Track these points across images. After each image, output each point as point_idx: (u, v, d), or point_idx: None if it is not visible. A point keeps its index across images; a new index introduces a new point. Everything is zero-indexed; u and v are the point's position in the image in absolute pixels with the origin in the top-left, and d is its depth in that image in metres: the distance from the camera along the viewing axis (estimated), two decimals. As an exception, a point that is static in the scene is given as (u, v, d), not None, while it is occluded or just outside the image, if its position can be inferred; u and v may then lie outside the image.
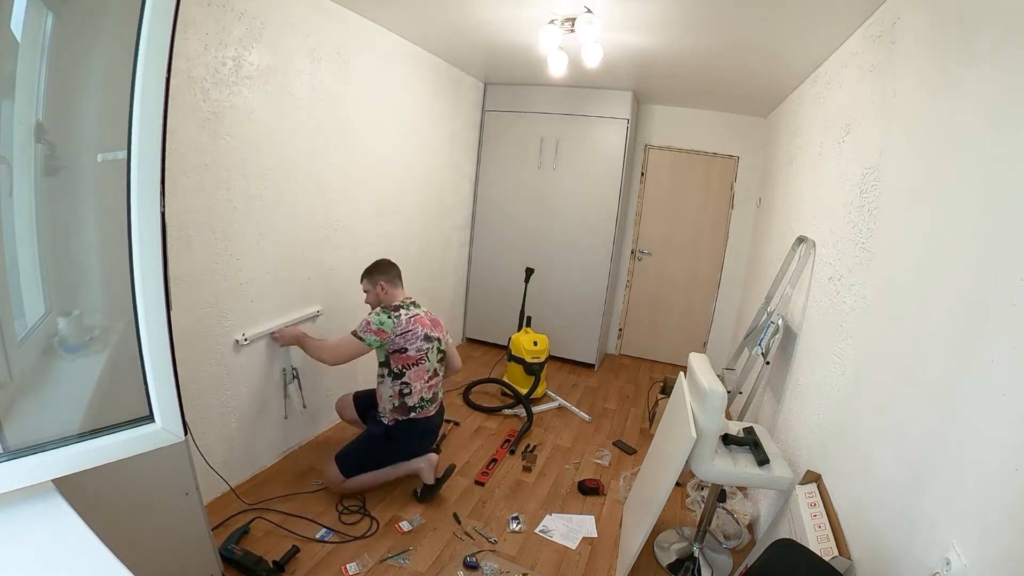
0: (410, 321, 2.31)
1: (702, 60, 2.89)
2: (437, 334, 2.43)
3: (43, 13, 0.87)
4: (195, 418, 2.04)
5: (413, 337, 2.31)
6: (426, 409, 2.40)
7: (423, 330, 2.34)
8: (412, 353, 2.31)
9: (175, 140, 1.81)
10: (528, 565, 2.08)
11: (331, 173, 2.67)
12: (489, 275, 4.59)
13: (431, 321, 2.42)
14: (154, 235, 0.90)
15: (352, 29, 2.65)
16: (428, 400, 2.41)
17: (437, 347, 2.43)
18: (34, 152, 0.89)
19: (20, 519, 0.82)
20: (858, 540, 1.49)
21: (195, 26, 1.82)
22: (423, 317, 2.38)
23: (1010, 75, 1.13)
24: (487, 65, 3.69)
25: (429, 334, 2.37)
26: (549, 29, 2.40)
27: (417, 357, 2.33)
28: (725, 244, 4.46)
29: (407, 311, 2.34)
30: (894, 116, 1.71)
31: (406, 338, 2.29)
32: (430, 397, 2.42)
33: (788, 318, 2.47)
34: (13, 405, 0.89)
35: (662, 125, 4.43)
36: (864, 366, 1.66)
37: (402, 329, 2.29)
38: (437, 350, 2.43)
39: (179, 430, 0.99)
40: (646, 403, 3.73)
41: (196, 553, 1.69)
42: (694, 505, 2.55)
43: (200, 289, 2.03)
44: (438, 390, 2.51)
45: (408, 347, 2.30)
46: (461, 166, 4.20)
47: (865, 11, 1.96)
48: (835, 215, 2.12)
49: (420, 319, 2.36)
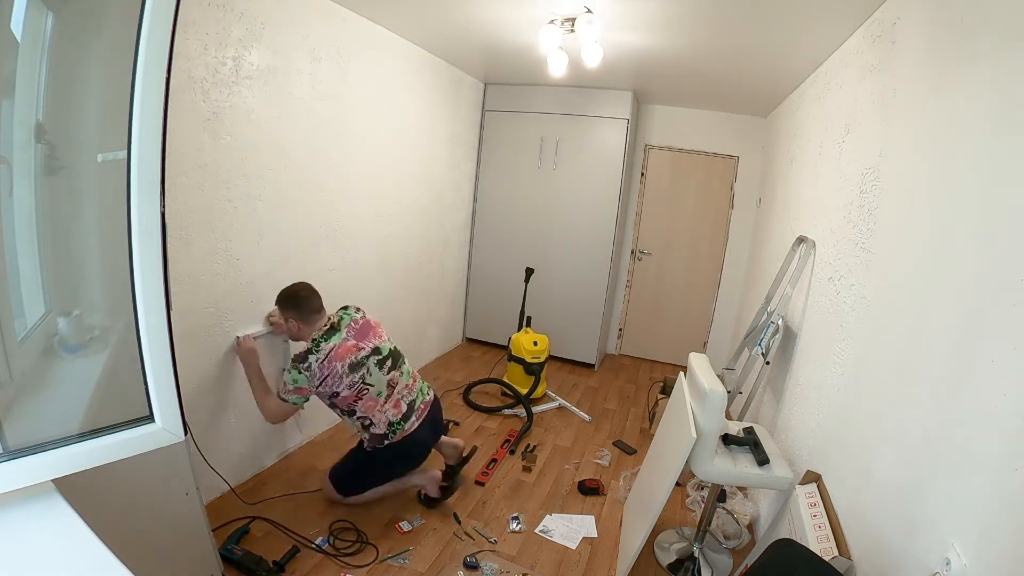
0: (323, 366, 2.03)
1: (702, 60, 2.89)
2: (367, 345, 2.15)
3: (43, 13, 0.87)
4: (195, 418, 2.04)
5: (335, 378, 2.05)
6: (401, 430, 2.19)
7: (343, 363, 2.06)
8: (346, 393, 2.08)
9: (175, 140, 1.81)
10: (528, 565, 2.08)
11: (331, 173, 2.67)
12: (489, 275, 4.59)
13: (356, 337, 2.14)
14: (154, 235, 0.90)
15: (352, 29, 2.65)
16: (400, 420, 2.19)
17: (375, 360, 2.15)
18: (34, 152, 0.89)
19: (20, 519, 0.82)
20: (858, 540, 1.49)
21: (195, 26, 1.82)
22: (340, 346, 2.07)
23: (1010, 75, 1.13)
24: (487, 65, 3.69)
25: (354, 360, 2.09)
26: (549, 29, 2.40)
27: (355, 393, 2.09)
28: (725, 244, 4.46)
29: (316, 355, 2.03)
30: (894, 116, 1.71)
31: (328, 384, 2.05)
32: (401, 416, 2.19)
33: (788, 318, 2.47)
34: (13, 405, 0.89)
35: (662, 125, 4.43)
36: (864, 366, 1.66)
37: (319, 379, 2.04)
38: (377, 363, 2.15)
39: (179, 430, 0.99)
40: (646, 403, 3.73)
41: (196, 553, 1.69)
42: (694, 505, 2.55)
43: (200, 289, 2.03)
44: (413, 398, 2.26)
45: (338, 390, 2.07)
46: (461, 166, 4.20)
47: (865, 11, 1.96)
48: (835, 215, 2.12)
49: (337, 352, 2.06)
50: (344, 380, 2.07)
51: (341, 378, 2.07)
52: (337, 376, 2.06)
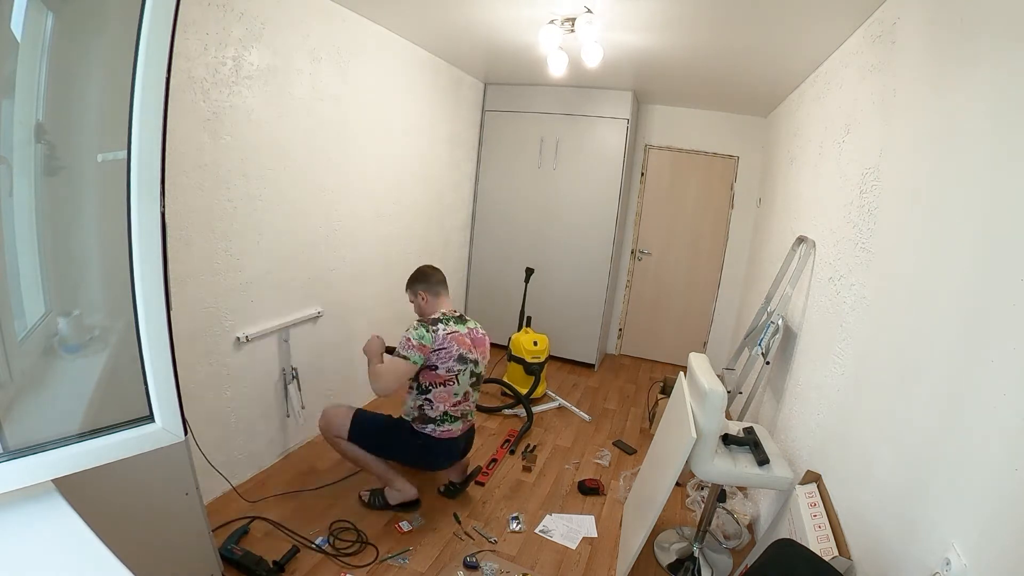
0: (446, 338, 2.15)
1: (702, 60, 2.89)
2: (475, 355, 2.27)
3: (43, 13, 0.87)
4: (195, 418, 2.03)
5: (446, 356, 2.16)
6: (447, 428, 2.24)
7: (459, 349, 2.18)
8: (442, 372, 2.17)
9: (175, 140, 1.81)
10: (528, 565, 2.08)
11: (331, 173, 2.67)
12: (489, 275, 4.59)
13: (472, 340, 2.27)
14: (154, 235, 0.90)
15: (352, 29, 2.65)
16: (452, 418, 2.25)
17: (472, 369, 2.26)
18: (34, 152, 0.89)
19: (20, 519, 0.82)
20: (858, 540, 1.49)
21: (195, 26, 1.82)
22: (462, 335, 2.21)
23: (1010, 75, 1.13)
24: (487, 65, 3.69)
25: (465, 355, 2.21)
26: (549, 29, 2.40)
27: (446, 377, 2.18)
28: (725, 244, 4.46)
29: (445, 326, 2.18)
30: (894, 116, 1.71)
31: (439, 355, 2.15)
32: (457, 415, 2.27)
33: (788, 318, 2.47)
34: (13, 405, 0.89)
35: (662, 125, 4.43)
36: (864, 366, 1.66)
37: (437, 345, 2.14)
38: (471, 373, 2.26)
39: (179, 430, 0.99)
40: (646, 403, 3.73)
41: (196, 553, 1.69)
42: (694, 505, 2.55)
43: (200, 289, 2.03)
44: (468, 411, 2.34)
45: (439, 365, 2.16)
46: (461, 166, 4.20)
47: (865, 11, 1.96)
48: (835, 215, 2.12)
49: (458, 337, 2.19)
50: (448, 362, 2.17)
51: (450, 358, 2.17)
52: (449, 354, 2.17)
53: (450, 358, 2.17)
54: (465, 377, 2.24)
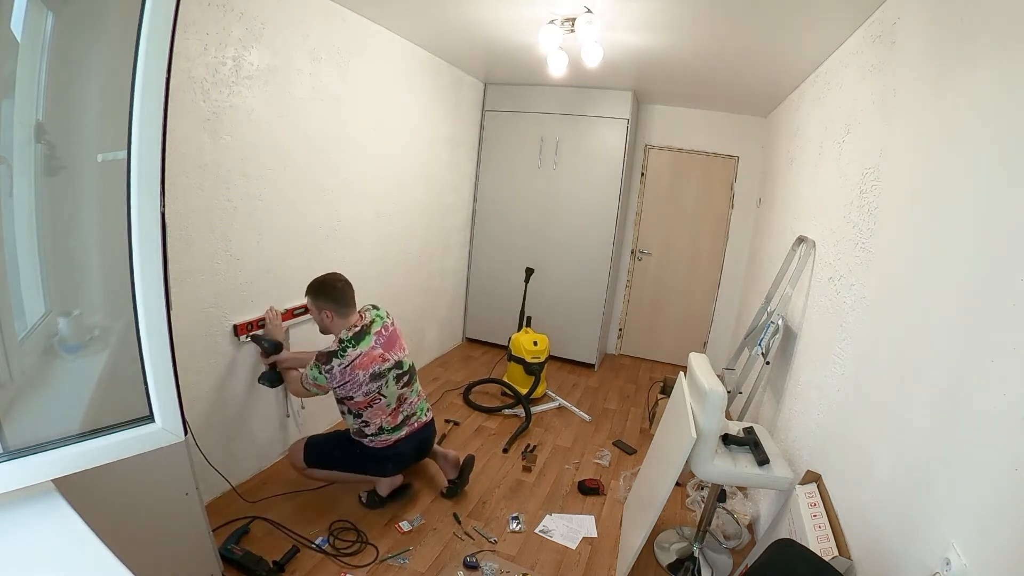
0: (345, 372, 2.06)
1: (702, 60, 2.89)
2: (392, 358, 2.19)
3: (43, 13, 0.87)
4: (195, 418, 2.04)
5: (354, 385, 2.09)
6: (384, 438, 2.22)
7: (368, 371, 2.10)
8: (360, 399, 2.13)
9: (175, 140, 1.81)
10: (528, 565, 2.08)
11: (331, 173, 2.67)
12: (489, 275, 4.59)
13: (383, 347, 2.17)
14: (154, 235, 0.90)
15: (352, 29, 2.65)
16: (391, 428, 2.23)
17: (395, 373, 2.20)
18: (34, 152, 0.89)
19: (20, 519, 0.82)
20: (858, 540, 1.49)
21: (195, 26, 1.82)
22: (366, 355, 2.10)
23: (1010, 75, 1.13)
24: (487, 65, 3.68)
25: (378, 370, 2.13)
26: (549, 29, 2.40)
27: (367, 401, 2.14)
28: (725, 244, 4.46)
29: (340, 359, 2.05)
30: (894, 116, 1.71)
31: (346, 388, 2.10)
32: (393, 426, 2.23)
33: (788, 318, 2.47)
34: (13, 405, 0.89)
35: (662, 125, 4.43)
36: (864, 366, 1.66)
37: (337, 382, 2.08)
38: (395, 377, 2.20)
39: (179, 430, 0.99)
40: (646, 403, 3.73)
41: (196, 553, 1.69)
42: (694, 505, 2.55)
43: (200, 289, 2.03)
44: (411, 413, 2.30)
45: (353, 395, 2.12)
46: (461, 166, 4.20)
47: (865, 11, 1.96)
48: (835, 215, 2.12)
49: (362, 361, 2.08)
50: (362, 388, 2.12)
51: (360, 385, 2.11)
52: (356, 383, 2.10)
53: (361, 384, 2.10)
54: (390, 387, 2.19)
